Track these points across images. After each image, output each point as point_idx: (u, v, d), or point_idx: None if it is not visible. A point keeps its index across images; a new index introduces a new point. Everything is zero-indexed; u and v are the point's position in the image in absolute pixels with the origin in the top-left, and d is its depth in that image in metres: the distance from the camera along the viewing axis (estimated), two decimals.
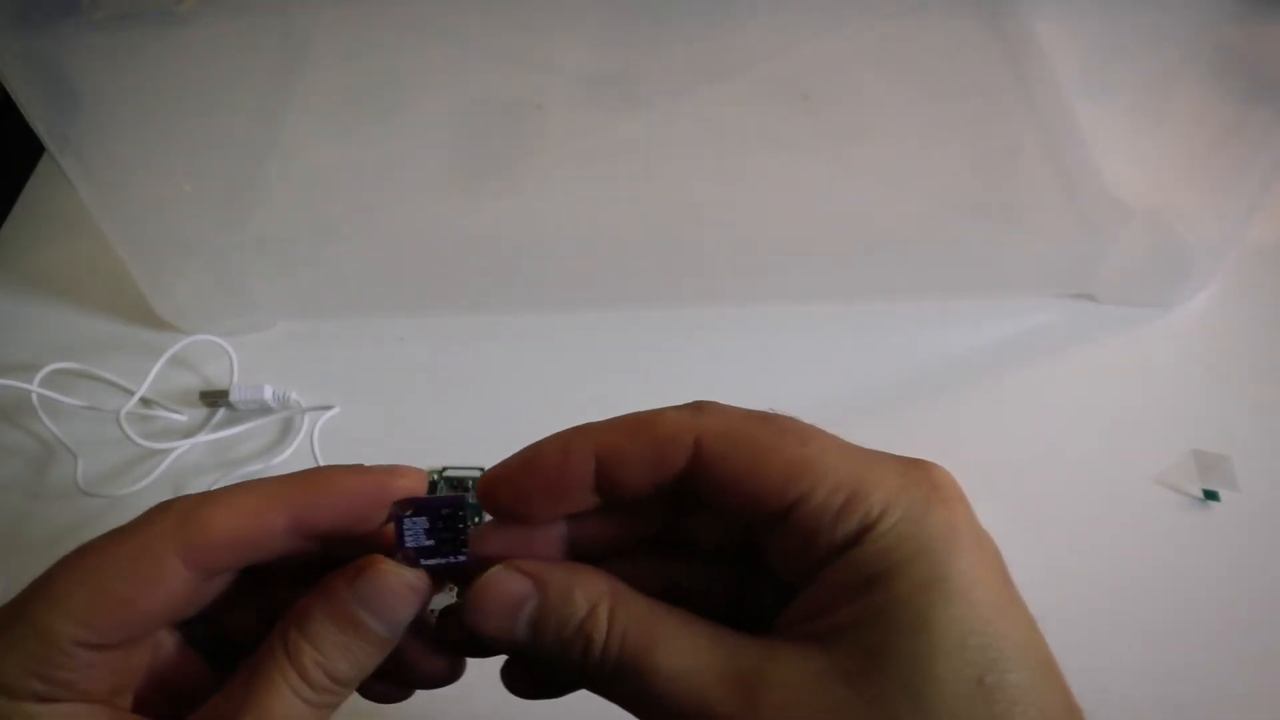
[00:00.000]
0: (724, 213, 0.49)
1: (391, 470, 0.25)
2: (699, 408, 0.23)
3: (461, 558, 0.25)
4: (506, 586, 0.24)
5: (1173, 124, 0.45)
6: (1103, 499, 0.44)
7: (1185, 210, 0.49)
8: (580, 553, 0.25)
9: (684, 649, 0.22)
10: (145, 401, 0.49)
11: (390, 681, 0.27)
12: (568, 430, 0.24)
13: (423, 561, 0.25)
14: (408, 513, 0.25)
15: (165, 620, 0.25)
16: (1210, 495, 0.44)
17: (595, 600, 0.23)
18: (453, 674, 0.27)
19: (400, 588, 0.24)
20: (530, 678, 0.26)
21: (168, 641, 0.26)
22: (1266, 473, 0.45)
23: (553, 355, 0.51)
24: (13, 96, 0.40)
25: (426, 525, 0.25)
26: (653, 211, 0.49)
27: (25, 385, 0.48)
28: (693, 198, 0.49)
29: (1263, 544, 0.42)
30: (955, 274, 0.52)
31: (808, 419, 0.23)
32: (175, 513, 0.24)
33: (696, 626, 0.23)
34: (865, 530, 0.21)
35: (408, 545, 0.25)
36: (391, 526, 0.25)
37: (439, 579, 0.25)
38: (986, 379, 0.49)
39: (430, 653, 0.26)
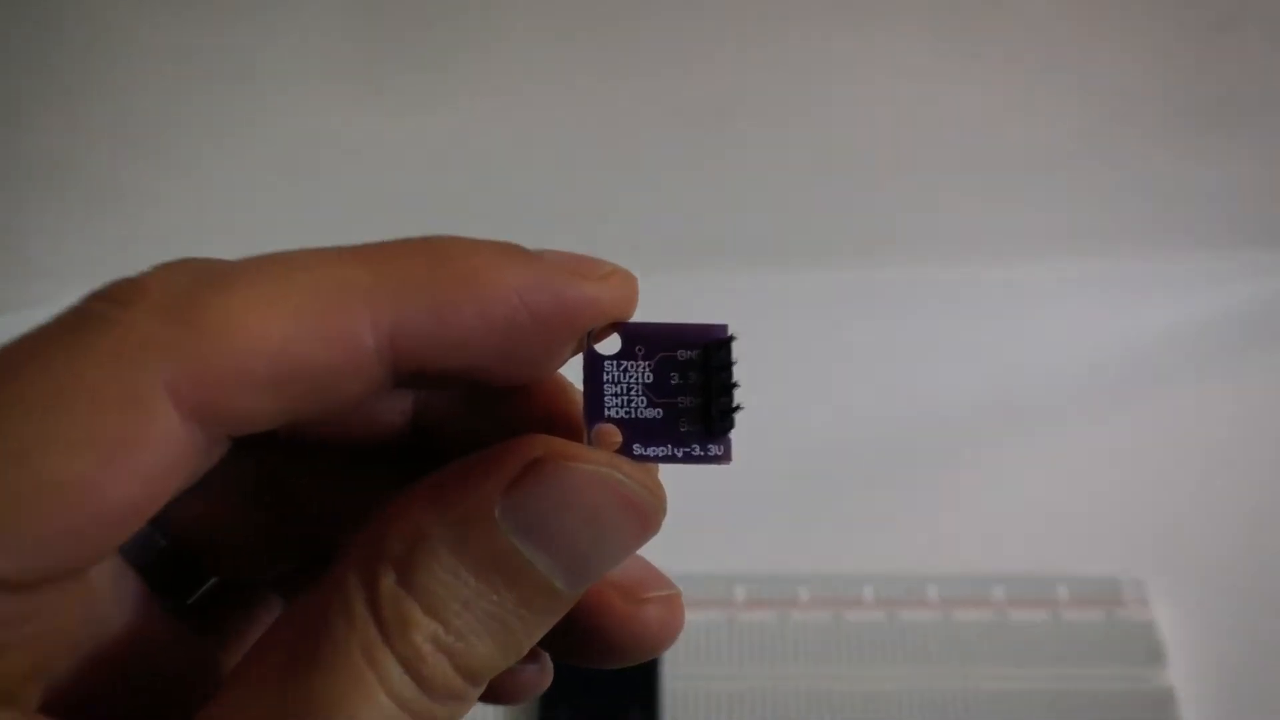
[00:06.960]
0: None
1: (577, 260, 0.13)
2: None
3: (717, 451, 0.13)
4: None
5: None
6: None
7: None
8: None
9: None
10: None
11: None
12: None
13: (636, 450, 0.13)
14: (614, 349, 0.13)
15: (138, 525, 0.12)
16: None
17: None
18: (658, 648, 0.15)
19: (609, 504, 0.12)
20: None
21: (102, 568, 0.14)
22: None
23: None
24: None
25: (651, 377, 0.13)
26: None
27: None
28: None
29: None
30: None
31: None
32: (159, 306, 0.12)
33: None
34: None
35: (610, 414, 0.13)
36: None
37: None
38: None
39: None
